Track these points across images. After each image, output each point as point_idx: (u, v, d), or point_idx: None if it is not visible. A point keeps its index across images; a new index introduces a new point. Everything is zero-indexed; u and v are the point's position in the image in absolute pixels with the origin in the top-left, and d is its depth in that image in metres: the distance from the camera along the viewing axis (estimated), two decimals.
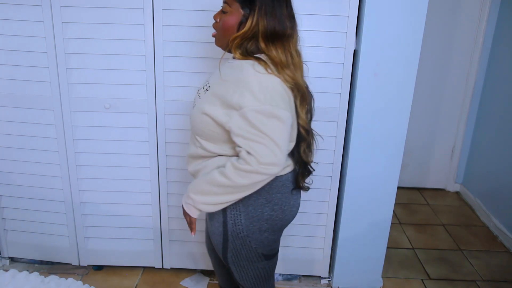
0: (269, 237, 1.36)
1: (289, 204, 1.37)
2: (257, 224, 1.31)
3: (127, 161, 2.04)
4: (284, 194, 1.35)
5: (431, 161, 3.36)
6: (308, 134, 1.36)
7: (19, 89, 1.95)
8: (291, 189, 1.37)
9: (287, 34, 1.25)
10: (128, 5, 1.81)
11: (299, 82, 1.27)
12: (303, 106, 1.30)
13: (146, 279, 2.23)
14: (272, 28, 1.22)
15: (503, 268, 2.44)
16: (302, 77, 1.32)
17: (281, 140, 1.18)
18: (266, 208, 1.31)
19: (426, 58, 2.76)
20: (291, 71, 1.25)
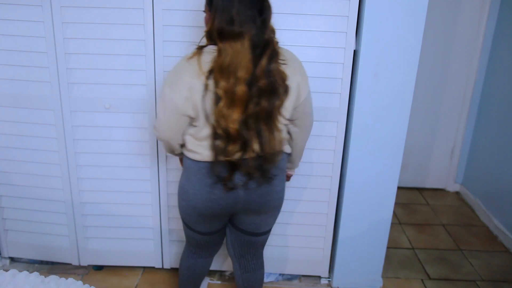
0: (181, 206, 1.57)
1: (194, 189, 1.48)
2: (179, 189, 1.56)
3: (127, 161, 2.04)
4: (198, 179, 1.47)
5: (431, 161, 3.36)
6: (229, 135, 1.36)
7: (19, 89, 1.95)
8: (211, 181, 1.45)
9: (235, 32, 1.28)
10: (128, 5, 1.81)
11: (227, 86, 1.31)
12: (231, 109, 1.33)
13: (146, 279, 2.23)
14: (219, 26, 1.29)
15: (503, 268, 2.44)
16: (242, 80, 1.31)
17: (159, 111, 1.46)
18: (181, 182, 1.54)
19: (426, 58, 2.76)
20: (227, 72, 1.30)
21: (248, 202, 1.50)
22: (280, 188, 1.55)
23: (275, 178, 1.50)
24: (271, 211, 1.58)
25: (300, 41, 1.82)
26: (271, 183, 1.50)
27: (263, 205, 1.53)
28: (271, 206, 1.55)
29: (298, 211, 2.08)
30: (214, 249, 1.76)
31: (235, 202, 1.49)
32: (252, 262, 1.73)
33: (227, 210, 1.53)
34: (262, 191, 1.49)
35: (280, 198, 1.57)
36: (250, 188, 1.47)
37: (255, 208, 1.53)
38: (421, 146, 3.30)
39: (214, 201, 1.48)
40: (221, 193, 1.46)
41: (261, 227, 1.63)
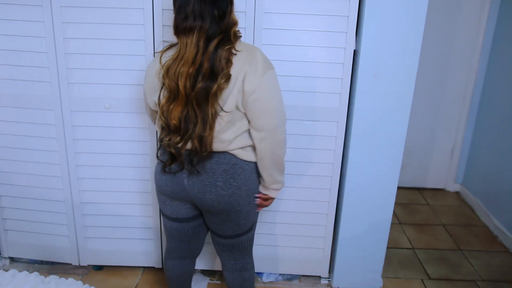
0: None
1: (155, 170, 1.60)
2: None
3: (127, 161, 2.04)
4: (157, 161, 1.58)
5: (431, 161, 3.36)
6: (169, 127, 1.43)
7: (19, 89, 1.95)
8: (161, 165, 1.54)
9: (187, 28, 1.33)
10: (128, 5, 1.81)
11: (169, 82, 1.38)
12: (173, 104, 1.39)
13: (146, 279, 2.23)
14: (175, 23, 1.36)
15: (503, 268, 2.44)
16: (184, 75, 1.36)
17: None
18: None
19: (426, 58, 2.76)
20: (173, 67, 1.37)
21: (191, 193, 1.51)
22: (227, 193, 1.49)
23: (217, 178, 1.48)
24: (220, 214, 1.55)
25: (300, 41, 1.82)
26: (215, 183, 1.48)
27: (205, 202, 1.52)
28: (215, 207, 1.52)
29: (298, 211, 2.08)
30: (190, 249, 1.73)
31: (180, 189, 1.52)
32: (230, 263, 1.71)
33: (178, 194, 1.55)
34: (202, 187, 1.49)
35: (225, 203, 1.51)
36: (192, 180, 1.49)
37: (200, 204, 1.54)
38: (421, 146, 3.30)
39: (163, 181, 1.55)
40: (167, 176, 1.53)
41: (223, 230, 1.61)
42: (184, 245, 1.72)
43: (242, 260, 1.72)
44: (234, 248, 1.68)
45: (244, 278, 1.74)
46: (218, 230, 1.63)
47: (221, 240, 1.66)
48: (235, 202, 1.52)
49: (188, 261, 1.79)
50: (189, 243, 1.72)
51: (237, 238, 1.64)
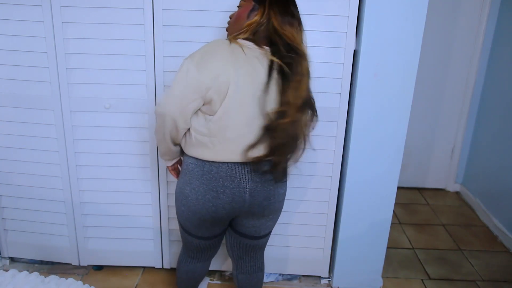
0: (180, 211, 1.57)
1: (203, 195, 1.51)
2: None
3: (127, 161, 2.04)
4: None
5: (431, 161, 3.36)
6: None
7: (19, 89, 1.95)
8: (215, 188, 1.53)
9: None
10: (128, 5, 1.81)
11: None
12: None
13: (146, 279, 2.23)
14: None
15: (503, 268, 2.44)
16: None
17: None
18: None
19: (426, 58, 2.76)
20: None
21: (255, 204, 1.49)
22: (283, 190, 1.56)
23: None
24: (272, 213, 1.57)
25: None
26: (276, 185, 1.51)
27: (268, 208, 1.52)
28: (272, 209, 1.54)
29: (298, 211, 2.08)
30: (213, 253, 1.74)
31: (240, 206, 1.48)
32: (250, 265, 1.72)
33: (231, 214, 1.51)
34: (266, 193, 1.49)
35: (282, 201, 1.58)
36: (257, 190, 1.46)
37: (261, 211, 1.52)
38: (421, 146, 3.30)
39: (217, 207, 1.45)
40: (222, 200, 1.44)
41: (260, 230, 1.61)
42: (209, 252, 1.72)
43: (261, 260, 1.75)
44: (260, 248, 1.70)
45: (258, 279, 1.77)
46: (255, 232, 1.60)
47: (252, 241, 1.64)
48: (284, 198, 1.59)
49: (208, 263, 1.79)
50: (213, 250, 1.72)
51: (267, 236, 1.67)
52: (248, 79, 1.34)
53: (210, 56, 1.32)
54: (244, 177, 1.43)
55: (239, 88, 1.32)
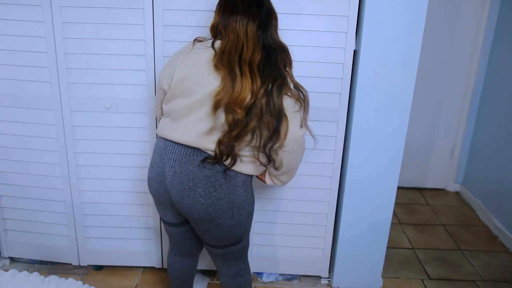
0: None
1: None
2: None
3: (127, 161, 2.04)
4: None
5: (431, 161, 3.36)
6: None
7: (19, 89, 1.95)
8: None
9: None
10: (128, 5, 1.81)
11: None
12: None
13: (146, 279, 2.23)
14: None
15: (503, 268, 2.44)
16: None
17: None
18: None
19: (426, 58, 2.76)
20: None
21: (171, 195, 1.50)
22: (205, 201, 1.46)
23: (197, 184, 1.45)
24: (203, 222, 1.50)
25: (300, 41, 1.82)
26: (194, 189, 1.45)
27: (182, 206, 1.49)
28: (194, 213, 1.48)
29: (298, 211, 2.08)
30: (187, 249, 1.74)
31: (163, 190, 1.53)
32: (223, 269, 1.69)
33: (162, 196, 1.54)
34: (181, 190, 1.47)
35: (204, 211, 1.47)
36: (174, 181, 1.48)
37: (180, 208, 1.52)
38: (421, 146, 3.30)
39: (150, 178, 1.58)
40: (152, 174, 1.56)
41: (207, 238, 1.58)
42: (180, 245, 1.74)
43: (236, 267, 1.68)
44: (226, 256, 1.64)
45: (239, 285, 1.71)
46: (204, 238, 1.60)
47: (210, 248, 1.64)
48: (215, 213, 1.48)
49: (188, 259, 1.79)
50: (183, 244, 1.73)
51: (225, 248, 1.60)
52: (190, 69, 1.44)
53: (172, 56, 1.57)
54: (169, 162, 1.48)
55: (181, 77, 1.45)
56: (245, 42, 1.38)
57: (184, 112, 1.44)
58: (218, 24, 1.44)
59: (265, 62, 1.39)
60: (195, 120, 1.43)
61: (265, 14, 1.43)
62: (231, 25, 1.39)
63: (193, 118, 1.43)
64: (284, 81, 1.40)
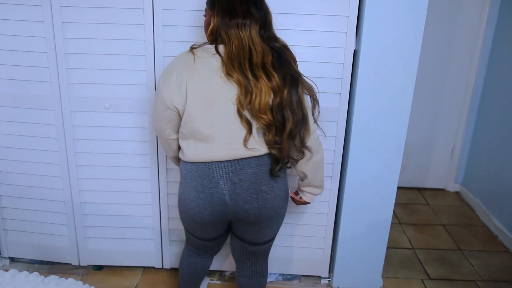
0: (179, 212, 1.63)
1: (188, 194, 1.53)
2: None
3: (127, 161, 2.04)
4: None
5: (431, 161, 3.36)
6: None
7: (19, 89, 1.95)
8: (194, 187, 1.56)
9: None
10: (128, 5, 1.81)
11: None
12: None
13: (146, 279, 2.23)
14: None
15: (503, 268, 2.44)
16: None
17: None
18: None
19: (426, 58, 2.76)
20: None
21: (235, 207, 1.48)
22: (271, 196, 1.49)
23: (260, 182, 1.46)
24: (265, 221, 1.53)
25: (300, 41, 1.82)
26: (260, 189, 1.47)
27: (251, 213, 1.49)
28: (261, 215, 1.50)
29: (298, 211, 2.08)
30: (215, 251, 1.76)
31: (221, 208, 1.48)
32: (251, 269, 1.71)
33: (217, 217, 1.50)
34: (247, 196, 1.46)
35: (274, 208, 1.51)
36: (235, 193, 1.45)
37: (244, 216, 1.50)
38: (421, 146, 3.30)
39: (198, 207, 1.48)
40: (202, 200, 1.47)
41: (257, 237, 1.59)
42: (210, 251, 1.74)
43: (263, 266, 1.73)
44: (261, 254, 1.68)
45: (260, 284, 1.75)
46: (252, 239, 1.59)
47: (252, 247, 1.63)
48: (278, 205, 1.52)
49: (211, 259, 1.80)
50: (213, 250, 1.74)
51: (268, 243, 1.64)
52: (204, 81, 1.37)
53: (170, 70, 1.42)
54: (222, 178, 1.44)
55: (197, 91, 1.38)
56: (252, 46, 1.35)
57: (213, 128, 1.40)
58: (218, 29, 1.38)
59: (278, 61, 1.38)
60: (231, 131, 1.40)
61: (263, 15, 1.41)
62: (233, 30, 1.35)
63: (227, 130, 1.40)
64: (300, 78, 1.42)
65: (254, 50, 1.35)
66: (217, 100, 1.38)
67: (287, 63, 1.41)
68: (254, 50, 1.35)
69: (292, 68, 1.42)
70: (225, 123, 1.39)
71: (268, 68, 1.36)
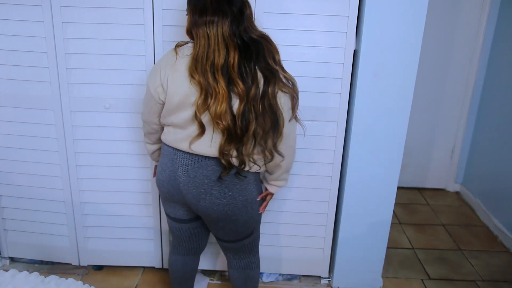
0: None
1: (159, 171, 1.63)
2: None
3: (127, 161, 2.04)
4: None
5: (431, 161, 3.36)
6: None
7: (19, 89, 1.95)
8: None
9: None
10: (128, 5, 1.81)
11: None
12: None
13: (146, 279, 2.23)
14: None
15: (503, 268, 2.44)
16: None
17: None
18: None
19: (426, 58, 2.76)
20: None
21: (186, 198, 1.52)
22: (222, 202, 1.50)
23: (212, 186, 1.49)
24: (219, 220, 1.54)
25: (300, 41, 1.82)
26: (210, 192, 1.49)
27: (199, 208, 1.52)
28: (211, 213, 1.52)
29: (298, 211, 2.08)
30: (192, 246, 1.75)
31: (176, 192, 1.54)
32: (235, 261, 1.74)
33: (174, 197, 1.56)
34: (197, 193, 1.50)
35: (226, 211, 1.51)
36: (188, 186, 1.49)
37: (196, 210, 1.54)
38: (421, 146, 3.30)
39: (159, 182, 1.58)
40: (164, 177, 1.56)
41: (222, 235, 1.62)
42: (185, 243, 1.74)
43: (247, 259, 1.73)
44: (238, 250, 1.69)
45: (248, 276, 1.76)
46: (217, 234, 1.65)
47: (223, 243, 1.68)
48: (230, 212, 1.52)
49: (191, 258, 1.80)
50: (189, 241, 1.74)
51: (238, 242, 1.65)
52: (181, 81, 1.39)
53: (156, 68, 1.47)
54: (181, 167, 1.49)
55: (174, 91, 1.41)
56: (216, 46, 1.32)
57: (187, 123, 1.43)
58: (190, 28, 1.39)
59: (246, 60, 1.34)
60: (195, 129, 1.44)
61: (237, 9, 1.35)
62: (201, 28, 1.33)
63: (194, 127, 1.43)
64: (276, 78, 1.37)
65: (217, 50, 1.32)
66: (187, 101, 1.40)
67: (262, 57, 1.36)
68: (216, 51, 1.32)
69: (267, 67, 1.36)
70: (192, 121, 1.42)
71: (230, 72, 1.33)
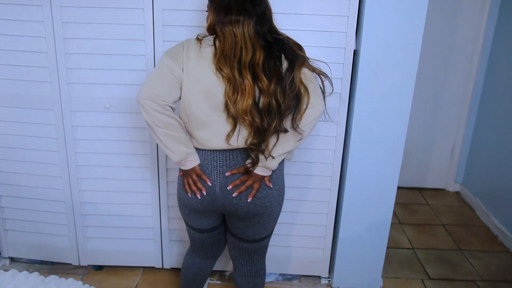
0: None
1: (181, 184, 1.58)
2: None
3: (127, 161, 2.04)
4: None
5: (431, 161, 3.36)
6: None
7: (19, 89, 1.95)
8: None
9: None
10: (128, 5, 1.81)
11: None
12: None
13: (146, 279, 2.23)
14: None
15: (503, 268, 2.44)
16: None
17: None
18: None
19: (426, 58, 2.75)
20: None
21: (225, 201, 1.50)
22: (262, 194, 1.50)
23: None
24: (256, 217, 1.53)
25: (300, 41, 1.80)
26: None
27: (238, 207, 1.50)
28: (250, 211, 1.51)
29: (298, 211, 2.08)
30: (213, 252, 1.75)
31: (211, 199, 1.51)
32: (246, 268, 1.71)
33: (206, 207, 1.53)
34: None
35: (265, 206, 1.52)
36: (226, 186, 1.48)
37: (233, 210, 1.52)
38: (421, 146, 3.30)
39: (189, 196, 1.53)
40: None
41: (249, 234, 1.60)
42: (207, 249, 1.73)
43: (258, 265, 1.72)
44: (255, 252, 1.67)
45: (256, 284, 1.74)
46: (243, 234, 1.61)
47: (244, 244, 1.64)
48: (269, 203, 1.53)
49: (209, 261, 1.79)
50: (211, 247, 1.72)
51: (261, 241, 1.64)
52: (204, 69, 1.39)
53: (179, 46, 1.45)
54: (216, 170, 1.47)
55: (196, 77, 1.39)
56: (243, 44, 1.35)
57: (211, 115, 1.41)
58: (213, 25, 1.41)
59: (270, 57, 1.38)
60: (223, 122, 1.42)
61: (261, 11, 1.39)
62: (227, 27, 1.36)
63: (221, 120, 1.42)
64: (304, 60, 1.42)
65: (245, 48, 1.35)
66: (215, 91, 1.39)
67: (288, 48, 1.41)
68: (244, 49, 1.35)
69: (294, 53, 1.41)
70: (218, 111, 1.41)
71: (256, 69, 1.36)
